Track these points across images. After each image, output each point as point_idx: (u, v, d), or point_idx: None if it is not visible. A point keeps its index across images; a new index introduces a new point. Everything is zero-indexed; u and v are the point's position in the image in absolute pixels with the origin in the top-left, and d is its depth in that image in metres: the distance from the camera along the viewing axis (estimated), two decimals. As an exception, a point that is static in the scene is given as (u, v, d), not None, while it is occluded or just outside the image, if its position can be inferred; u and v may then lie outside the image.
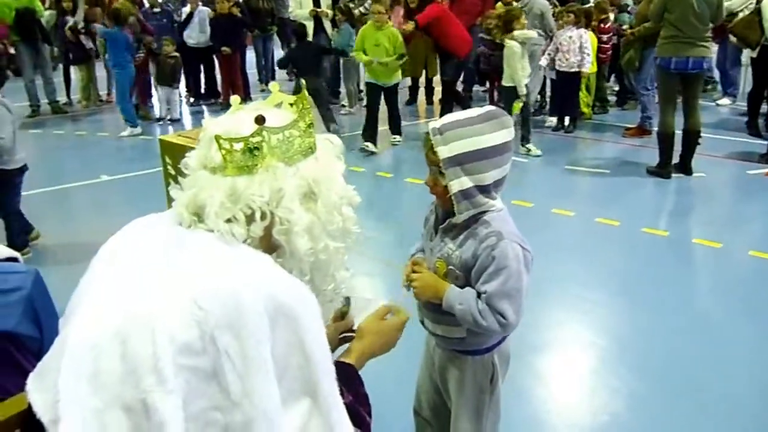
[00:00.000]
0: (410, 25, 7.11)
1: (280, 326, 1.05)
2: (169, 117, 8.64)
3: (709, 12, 5.17)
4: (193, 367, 0.99)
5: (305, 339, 1.08)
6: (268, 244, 1.17)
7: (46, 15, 9.55)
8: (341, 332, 1.57)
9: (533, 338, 3.17)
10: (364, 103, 9.06)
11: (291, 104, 1.26)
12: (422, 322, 1.95)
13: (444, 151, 1.66)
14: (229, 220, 1.13)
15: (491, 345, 1.88)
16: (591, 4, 7.46)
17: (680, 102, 5.64)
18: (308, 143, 1.22)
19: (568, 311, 3.53)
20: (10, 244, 4.34)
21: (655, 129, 5.98)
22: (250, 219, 1.14)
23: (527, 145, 6.43)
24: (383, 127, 7.12)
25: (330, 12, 8.75)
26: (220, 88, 9.81)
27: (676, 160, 5.70)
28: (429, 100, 9.23)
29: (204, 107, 9.54)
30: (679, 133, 5.63)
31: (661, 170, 5.63)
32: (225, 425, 1.02)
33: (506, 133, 1.71)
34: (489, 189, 1.71)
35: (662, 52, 5.39)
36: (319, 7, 8.75)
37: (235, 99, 1.29)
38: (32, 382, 1.10)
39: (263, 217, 1.14)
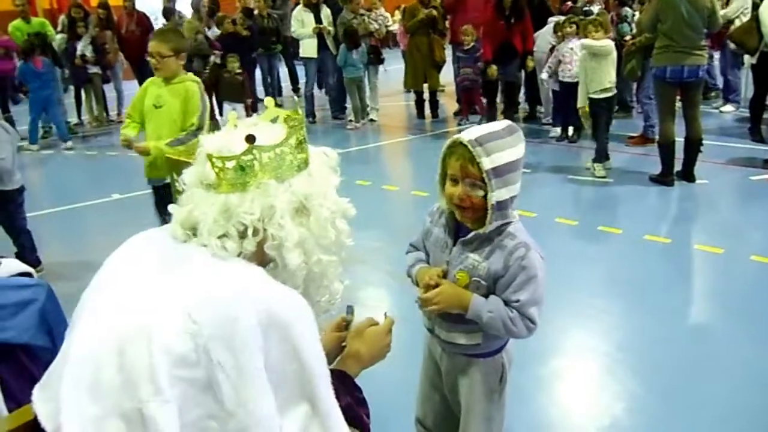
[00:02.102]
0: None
1: (273, 336, 1.09)
2: None
3: (701, 20, 5.22)
4: (188, 378, 1.04)
5: (299, 347, 1.12)
6: (262, 258, 1.22)
7: (58, 39, 9.74)
8: (342, 340, 1.61)
9: (537, 345, 3.19)
10: (371, 117, 9.21)
11: (285, 119, 1.31)
12: (431, 331, 1.98)
13: (487, 162, 1.68)
14: (223, 236, 1.17)
15: (501, 346, 1.95)
16: (595, 15, 7.51)
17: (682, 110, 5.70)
18: (300, 159, 1.25)
19: (571, 317, 3.57)
20: (24, 262, 4.45)
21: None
22: (242, 235, 1.18)
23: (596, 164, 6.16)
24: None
25: (332, 29, 8.85)
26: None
27: (678, 167, 5.74)
28: (434, 114, 9.30)
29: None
30: (681, 141, 5.68)
31: (664, 178, 5.67)
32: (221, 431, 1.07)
33: (524, 147, 1.79)
34: (513, 200, 1.78)
35: (657, 61, 5.45)
36: (321, 24, 8.85)
37: (231, 115, 1.33)
38: (37, 392, 1.15)
39: (255, 233, 1.18)
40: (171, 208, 1.26)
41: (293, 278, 1.24)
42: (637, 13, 7.66)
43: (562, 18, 7.25)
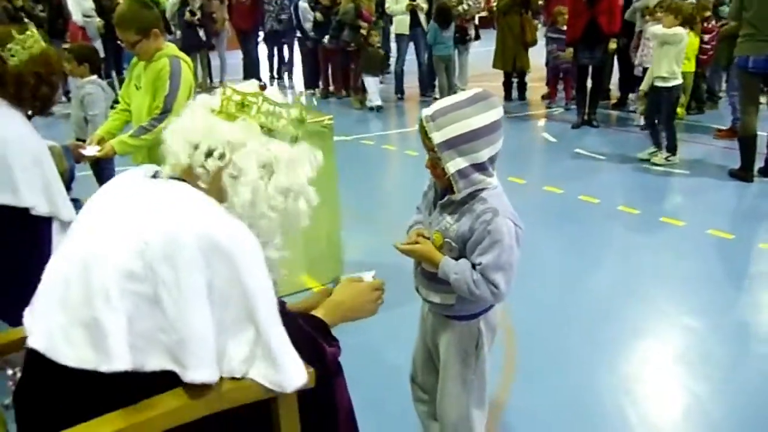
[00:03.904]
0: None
1: (216, 261, 1.25)
2: (376, 105, 8.94)
3: None
4: (137, 291, 1.22)
5: (241, 272, 1.27)
6: (219, 194, 1.38)
7: (171, 2, 10.36)
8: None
9: (579, 330, 3.29)
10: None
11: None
12: (417, 289, 2.10)
13: (437, 137, 1.78)
14: (195, 147, 1.36)
15: (478, 312, 2.02)
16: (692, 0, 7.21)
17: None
18: (291, 131, 1.42)
19: (610, 307, 3.56)
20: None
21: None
22: (209, 153, 1.36)
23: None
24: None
25: (425, 6, 8.93)
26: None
27: (761, 163, 5.51)
28: (521, 96, 9.23)
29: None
30: (764, 135, 5.43)
31: (743, 173, 5.45)
32: (167, 344, 1.25)
33: (495, 113, 1.82)
34: (485, 166, 1.83)
35: (740, 50, 5.23)
36: (415, 0, 8.94)
37: (252, 82, 1.49)
38: (27, 310, 1.36)
39: (221, 157, 1.35)
40: (173, 116, 1.47)
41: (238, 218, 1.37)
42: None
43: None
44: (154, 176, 1.43)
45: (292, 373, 1.34)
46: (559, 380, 2.88)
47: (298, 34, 10.32)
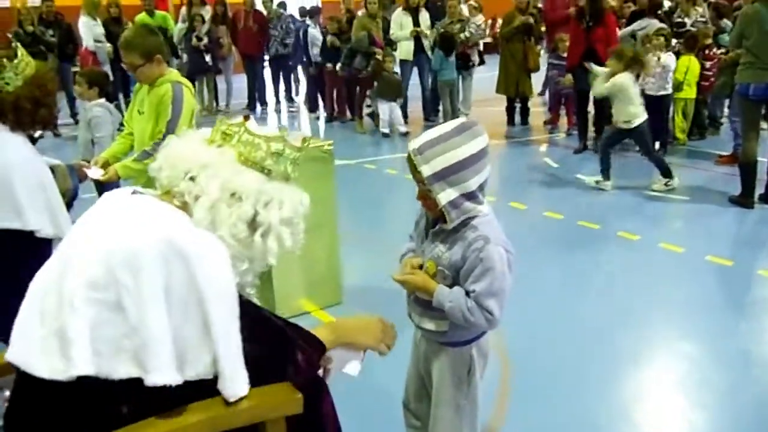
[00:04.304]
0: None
1: (175, 265, 1.28)
2: (401, 131, 8.88)
3: None
4: (101, 299, 1.26)
5: (196, 275, 1.29)
6: (190, 208, 1.42)
7: (178, 27, 10.52)
8: None
9: (574, 354, 3.28)
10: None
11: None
12: (410, 316, 2.12)
13: (426, 170, 1.80)
14: (175, 169, 1.43)
15: (470, 338, 2.03)
16: (688, 27, 7.29)
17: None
18: (268, 165, 1.45)
19: (608, 333, 3.56)
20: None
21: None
22: (184, 175, 1.42)
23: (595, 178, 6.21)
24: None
25: (428, 32, 9.03)
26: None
27: (762, 190, 5.52)
28: (524, 121, 9.28)
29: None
30: (764, 161, 5.45)
31: (743, 200, 5.46)
32: (132, 350, 1.27)
33: (481, 141, 1.84)
34: (475, 194, 1.86)
35: (741, 78, 5.28)
36: (419, 27, 9.04)
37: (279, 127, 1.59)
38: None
39: (192, 179, 1.41)
40: (170, 138, 1.54)
41: None
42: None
43: (655, 25, 7.07)
44: (134, 193, 1.48)
45: (234, 382, 1.35)
46: (555, 406, 2.88)
47: (304, 59, 10.46)
